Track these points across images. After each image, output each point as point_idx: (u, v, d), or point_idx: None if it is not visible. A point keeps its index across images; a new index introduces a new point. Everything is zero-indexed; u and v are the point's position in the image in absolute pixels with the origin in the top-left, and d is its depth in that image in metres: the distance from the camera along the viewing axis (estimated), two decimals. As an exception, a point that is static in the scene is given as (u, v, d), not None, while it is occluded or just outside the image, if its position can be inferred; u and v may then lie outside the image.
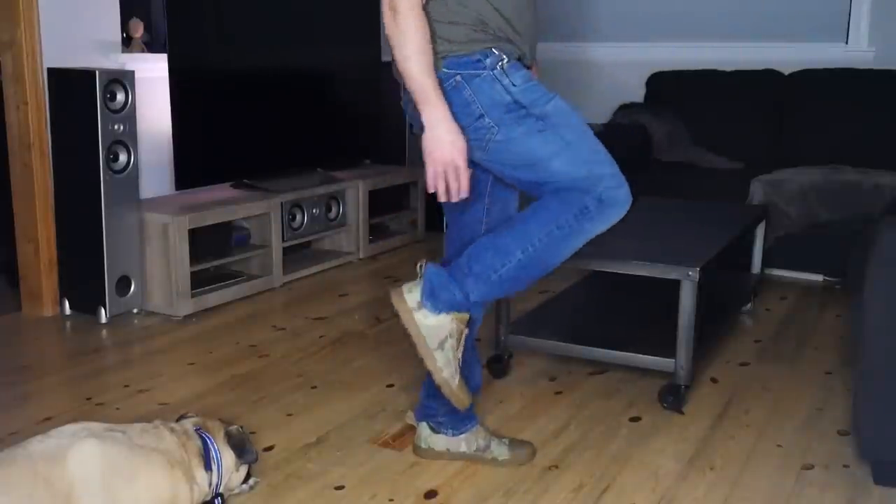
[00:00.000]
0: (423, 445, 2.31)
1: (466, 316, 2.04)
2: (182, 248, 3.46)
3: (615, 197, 1.95)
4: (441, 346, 2.01)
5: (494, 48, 1.94)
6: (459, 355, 2.04)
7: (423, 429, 2.31)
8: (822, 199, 3.90)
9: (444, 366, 2.01)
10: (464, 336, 2.05)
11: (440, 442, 2.29)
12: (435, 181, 1.91)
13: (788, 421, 2.57)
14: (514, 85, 1.93)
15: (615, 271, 2.72)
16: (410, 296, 2.02)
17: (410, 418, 2.45)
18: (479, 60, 1.93)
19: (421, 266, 2.05)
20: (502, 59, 1.94)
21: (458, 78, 1.93)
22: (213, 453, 1.98)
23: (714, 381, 2.88)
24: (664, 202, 3.61)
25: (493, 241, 2.02)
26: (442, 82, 1.90)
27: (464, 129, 1.92)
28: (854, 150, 4.27)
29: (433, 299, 2.00)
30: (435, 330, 2.00)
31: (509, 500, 2.12)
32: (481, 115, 1.93)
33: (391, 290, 2.06)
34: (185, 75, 3.61)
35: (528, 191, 2.04)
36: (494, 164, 2.00)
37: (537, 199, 2.02)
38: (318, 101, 4.34)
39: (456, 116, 1.91)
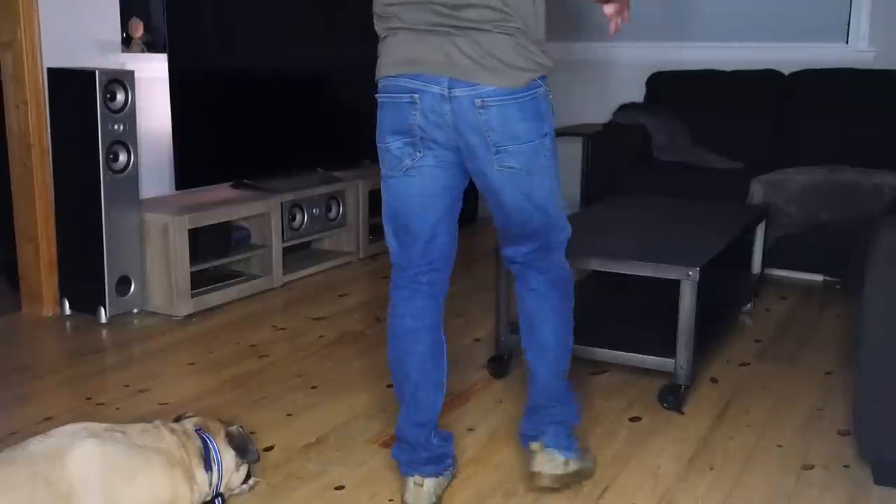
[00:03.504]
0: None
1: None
2: (182, 248, 3.46)
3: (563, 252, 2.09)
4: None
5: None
6: None
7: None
8: (822, 199, 3.90)
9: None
10: None
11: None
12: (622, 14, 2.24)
13: (788, 421, 2.57)
14: (552, 111, 1.94)
15: (615, 271, 2.72)
16: (552, 465, 2.09)
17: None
18: (544, 77, 1.92)
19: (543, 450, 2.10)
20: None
21: (546, 91, 1.93)
22: (213, 453, 1.98)
23: (714, 381, 2.88)
24: (664, 202, 3.61)
25: (553, 367, 2.11)
26: (539, 86, 1.89)
27: (525, 142, 1.87)
28: (854, 150, 4.27)
29: (572, 451, 2.13)
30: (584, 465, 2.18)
31: (509, 500, 2.12)
32: (547, 134, 1.91)
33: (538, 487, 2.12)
34: (185, 75, 3.60)
35: (516, 224, 2.01)
36: (525, 184, 1.94)
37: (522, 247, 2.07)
38: (318, 100, 4.33)
39: (537, 120, 1.88)
